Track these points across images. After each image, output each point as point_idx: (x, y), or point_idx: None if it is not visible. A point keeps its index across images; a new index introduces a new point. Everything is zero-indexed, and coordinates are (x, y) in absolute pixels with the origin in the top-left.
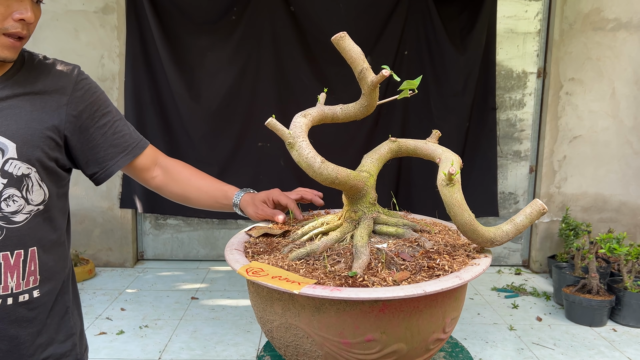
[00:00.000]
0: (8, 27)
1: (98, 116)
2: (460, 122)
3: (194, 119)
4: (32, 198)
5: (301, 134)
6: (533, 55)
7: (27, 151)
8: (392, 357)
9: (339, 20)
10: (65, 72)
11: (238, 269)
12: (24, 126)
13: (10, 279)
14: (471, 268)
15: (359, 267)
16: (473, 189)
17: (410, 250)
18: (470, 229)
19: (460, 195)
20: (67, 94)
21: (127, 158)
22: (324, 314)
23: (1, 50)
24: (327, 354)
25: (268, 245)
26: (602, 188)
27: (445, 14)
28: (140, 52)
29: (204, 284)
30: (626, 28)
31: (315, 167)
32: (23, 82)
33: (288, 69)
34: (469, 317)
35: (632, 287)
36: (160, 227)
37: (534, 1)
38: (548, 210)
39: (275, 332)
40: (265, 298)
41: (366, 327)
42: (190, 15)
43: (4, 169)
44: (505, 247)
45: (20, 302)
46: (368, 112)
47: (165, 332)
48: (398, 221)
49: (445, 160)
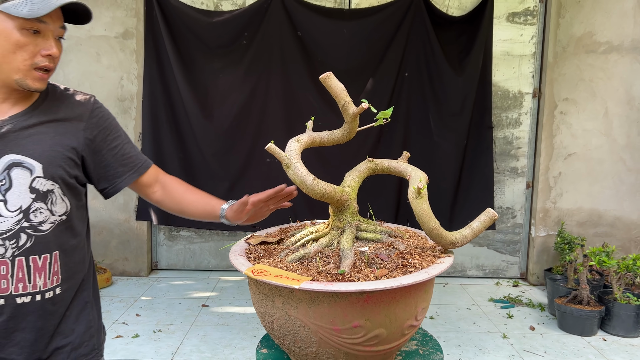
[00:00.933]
0: (38, 62)
1: (110, 140)
2: (459, 140)
3: (207, 136)
4: (55, 210)
5: (295, 157)
6: (528, 76)
7: (51, 170)
8: (374, 340)
9: (343, 44)
10: (83, 102)
11: (244, 271)
12: (48, 149)
13: (39, 278)
14: (437, 265)
15: (346, 266)
16: (471, 203)
17: (387, 252)
18: (436, 233)
19: (427, 205)
20: (84, 120)
21: (133, 176)
22: (318, 306)
23: (33, 82)
24: (321, 340)
25: (266, 251)
26: (597, 203)
27: (444, 38)
28: (157, 74)
29: (214, 293)
30: (617, 51)
31: (308, 184)
32: (47, 111)
33: (295, 90)
34: (465, 326)
35: (621, 298)
36: (173, 238)
37: (529, 25)
38: (545, 224)
39: (275, 324)
40: (267, 295)
41: (353, 315)
42: (204, 40)
43: (32, 185)
44: (504, 260)
45: (46, 299)
46: (349, 137)
47: (177, 336)
48: (376, 228)
49: (414, 177)
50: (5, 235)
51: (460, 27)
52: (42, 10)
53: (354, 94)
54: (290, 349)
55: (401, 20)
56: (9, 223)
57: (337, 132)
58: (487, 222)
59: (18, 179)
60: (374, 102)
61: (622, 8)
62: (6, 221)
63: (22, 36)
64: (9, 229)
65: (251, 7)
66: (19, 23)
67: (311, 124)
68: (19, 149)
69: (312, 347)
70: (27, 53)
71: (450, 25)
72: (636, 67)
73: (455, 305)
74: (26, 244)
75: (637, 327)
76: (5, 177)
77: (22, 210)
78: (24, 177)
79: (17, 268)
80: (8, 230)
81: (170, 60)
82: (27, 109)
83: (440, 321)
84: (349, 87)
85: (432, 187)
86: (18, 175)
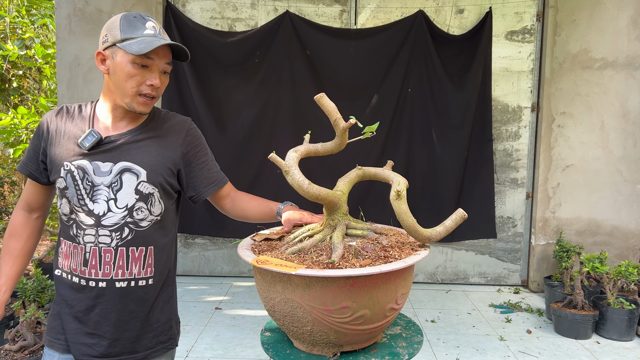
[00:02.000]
0: (142, 90)
1: (199, 156)
2: (460, 152)
3: (221, 149)
4: (153, 210)
5: (294, 165)
6: (527, 91)
7: (153, 177)
8: (360, 320)
9: (349, 62)
10: (181, 122)
11: (250, 261)
12: (153, 159)
13: (134, 267)
14: (413, 256)
15: (336, 256)
16: (473, 213)
17: (372, 245)
18: (413, 229)
19: (405, 206)
20: (181, 138)
21: (215, 189)
22: (312, 290)
23: (138, 106)
24: (314, 319)
25: (269, 246)
26: (595, 213)
27: (445, 55)
28: (175, 90)
29: (227, 297)
30: (612, 67)
31: (304, 187)
32: (153, 128)
33: (304, 105)
34: (464, 329)
35: (615, 303)
36: (189, 245)
37: (527, 43)
38: (544, 233)
39: (276, 307)
40: (269, 281)
41: (341, 297)
42: (219, 58)
43: (137, 188)
44: (505, 268)
45: (140, 286)
46: (340, 148)
47: (192, 336)
48: (363, 226)
49: (396, 182)
50: (113, 228)
51: (461, 45)
52: (147, 49)
53: (360, 108)
54: (289, 328)
55: (404, 39)
56: (116, 218)
57: (330, 144)
58: (458, 221)
59: (127, 182)
60: (379, 115)
61: (616, 26)
62: (115, 216)
63: (133, 68)
64: (116, 223)
65: (263, 28)
66: (131, 58)
67: (308, 137)
68: (130, 158)
69: (307, 326)
70: (135, 82)
71: (451, 44)
72: (631, 82)
73: (457, 310)
74: (128, 236)
75: (630, 330)
76: (117, 180)
77: (128, 208)
78: (131, 181)
79: (118, 256)
80: (115, 224)
81: (187, 77)
82: (138, 126)
83: (441, 324)
84: (355, 102)
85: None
86: (127, 179)
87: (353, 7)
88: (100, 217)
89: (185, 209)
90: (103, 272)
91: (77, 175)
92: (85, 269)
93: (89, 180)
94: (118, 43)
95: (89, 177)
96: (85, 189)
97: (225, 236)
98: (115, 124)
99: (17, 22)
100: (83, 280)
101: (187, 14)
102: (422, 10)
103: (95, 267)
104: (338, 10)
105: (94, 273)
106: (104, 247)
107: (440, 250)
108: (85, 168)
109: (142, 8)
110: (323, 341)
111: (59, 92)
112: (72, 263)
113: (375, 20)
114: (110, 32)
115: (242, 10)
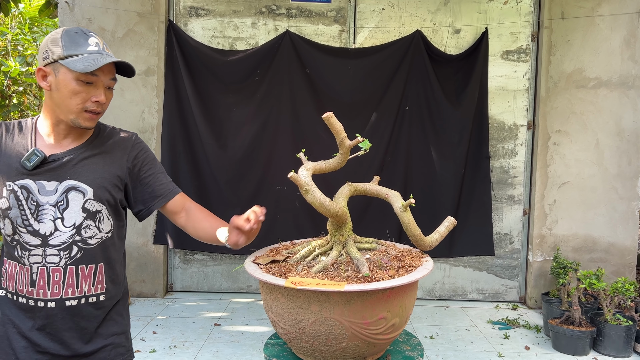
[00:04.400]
0: (88, 106)
1: (145, 169)
2: (457, 169)
3: (221, 165)
4: (102, 227)
5: (312, 183)
6: (523, 109)
7: (100, 194)
8: (391, 329)
9: (348, 80)
10: (126, 138)
11: (284, 284)
12: (99, 176)
13: (84, 285)
14: (427, 263)
15: (365, 270)
16: (470, 230)
17: (385, 257)
18: (419, 238)
19: (411, 217)
20: (127, 152)
21: (163, 201)
22: (352, 305)
23: (84, 122)
24: (352, 334)
25: (280, 269)
26: (591, 230)
27: (442, 74)
28: (176, 108)
29: (226, 313)
30: (606, 86)
31: (325, 205)
32: (98, 145)
33: (303, 123)
34: (463, 345)
35: (612, 319)
36: (188, 261)
37: (522, 63)
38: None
39: (308, 328)
40: (301, 303)
41: (379, 309)
42: (220, 76)
43: (84, 206)
44: (503, 285)
45: (90, 302)
46: (342, 165)
47: (191, 352)
48: (369, 240)
49: (393, 196)
50: (61, 247)
51: (458, 64)
52: (92, 67)
53: (359, 126)
54: (318, 348)
55: (402, 58)
56: (64, 237)
57: (332, 161)
58: (449, 227)
59: (73, 200)
60: (377, 133)
61: (610, 46)
62: (62, 235)
63: (77, 85)
64: (64, 242)
65: (263, 47)
66: (75, 75)
67: (302, 155)
68: (76, 176)
69: (342, 343)
70: (80, 99)
71: (448, 63)
72: (624, 101)
73: (455, 327)
74: (77, 254)
75: (627, 347)
76: (63, 199)
77: (76, 227)
78: (78, 199)
79: (67, 275)
80: (63, 242)
81: (188, 95)
82: (83, 143)
83: (440, 341)
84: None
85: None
86: (73, 197)
87: (352, 27)
88: (47, 237)
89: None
90: (52, 292)
91: (21, 195)
92: (33, 289)
93: (34, 199)
94: (60, 60)
95: (33, 197)
96: (29, 208)
97: (224, 252)
98: (59, 141)
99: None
100: (31, 300)
101: (189, 33)
102: (420, 30)
103: (43, 288)
104: (337, 30)
105: (42, 293)
106: (52, 266)
107: (439, 266)
108: (29, 187)
109: (145, 27)
110: (351, 356)
111: None
112: (17, 284)
113: (374, 39)
114: (50, 48)
115: (243, 30)
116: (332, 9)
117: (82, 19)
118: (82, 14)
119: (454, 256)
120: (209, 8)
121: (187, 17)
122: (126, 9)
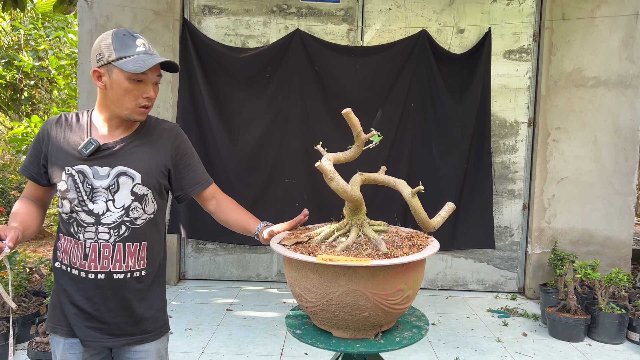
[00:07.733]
0: (140, 102)
1: (186, 158)
2: (459, 164)
3: (232, 159)
4: (147, 209)
5: (335, 172)
6: (524, 107)
7: (147, 179)
8: (406, 299)
9: (355, 78)
10: (170, 129)
11: (316, 260)
12: (146, 163)
13: (130, 260)
14: (435, 242)
15: (384, 248)
16: (472, 223)
17: (397, 237)
18: (426, 221)
19: (419, 202)
20: (170, 142)
21: (200, 189)
22: (375, 278)
23: (137, 116)
24: (374, 304)
25: (305, 249)
26: (588, 224)
27: (446, 72)
28: (189, 103)
29: (237, 299)
30: (605, 85)
31: (348, 191)
32: (146, 135)
33: (312, 118)
34: (463, 331)
35: (606, 308)
36: (200, 250)
37: (524, 62)
38: (540, 242)
39: (335, 300)
40: (329, 277)
41: (398, 282)
42: (232, 73)
43: (133, 190)
44: (503, 276)
45: (134, 277)
46: (357, 156)
47: (206, 334)
48: (381, 223)
49: (401, 184)
50: (111, 226)
51: (461, 63)
52: (143, 67)
53: (366, 121)
54: (343, 318)
55: (408, 56)
56: (114, 217)
57: (349, 152)
58: (449, 211)
59: (124, 184)
60: (383, 128)
61: (608, 47)
62: (113, 215)
63: (130, 84)
64: (114, 221)
65: (274, 45)
66: (127, 75)
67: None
68: (126, 162)
69: (365, 312)
70: (132, 96)
71: (452, 62)
72: (622, 100)
73: (456, 315)
74: (125, 233)
75: (620, 334)
76: (115, 183)
77: (124, 208)
78: (128, 183)
79: (116, 251)
80: (113, 222)
81: (201, 90)
82: (132, 133)
83: (442, 327)
84: (361, 115)
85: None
86: (124, 182)
87: (360, 26)
88: (100, 216)
89: (198, 216)
90: (102, 265)
91: (78, 178)
92: (85, 262)
93: (89, 183)
94: (113, 62)
95: (88, 181)
96: (85, 191)
97: (235, 242)
98: (111, 132)
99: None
100: (83, 272)
101: (202, 31)
102: (425, 29)
103: (94, 261)
104: (345, 29)
105: (94, 266)
106: (103, 242)
107: (440, 257)
108: (85, 172)
109: (160, 25)
110: (371, 324)
111: (80, 102)
112: (71, 257)
113: (381, 38)
114: (103, 51)
115: (255, 28)
116: (340, 8)
117: (100, 17)
118: (100, 11)
119: (456, 249)
120: (222, 7)
121: (201, 16)
122: (142, 7)
